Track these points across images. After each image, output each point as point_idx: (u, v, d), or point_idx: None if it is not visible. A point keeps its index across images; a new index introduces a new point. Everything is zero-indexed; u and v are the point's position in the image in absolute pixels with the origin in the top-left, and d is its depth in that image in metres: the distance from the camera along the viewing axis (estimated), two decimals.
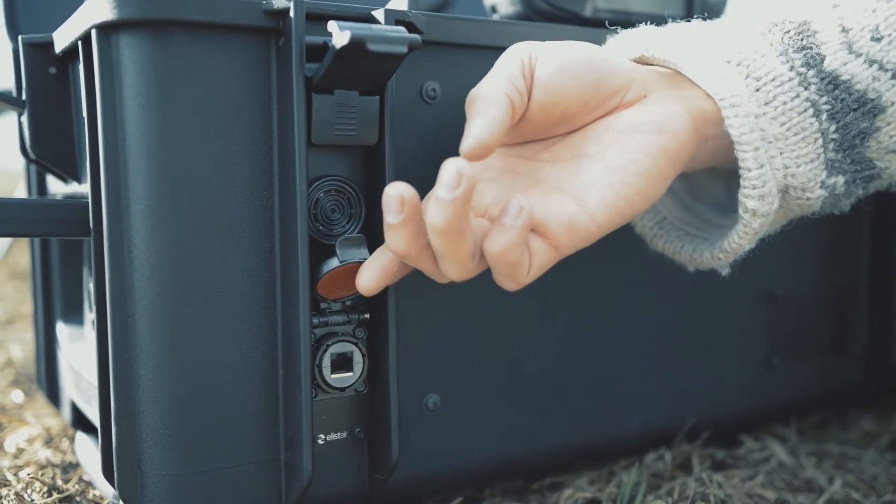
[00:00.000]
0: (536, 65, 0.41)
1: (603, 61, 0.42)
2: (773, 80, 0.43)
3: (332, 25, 0.38)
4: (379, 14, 0.43)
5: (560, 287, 0.53)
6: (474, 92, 0.41)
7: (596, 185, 0.40)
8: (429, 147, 0.46)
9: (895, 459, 0.61)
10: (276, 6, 0.41)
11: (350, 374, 0.45)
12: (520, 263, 0.38)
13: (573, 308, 0.54)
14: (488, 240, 0.37)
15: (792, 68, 0.43)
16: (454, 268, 0.39)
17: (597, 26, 0.51)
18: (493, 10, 0.58)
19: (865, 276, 0.68)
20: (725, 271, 0.48)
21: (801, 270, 0.64)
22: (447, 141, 0.47)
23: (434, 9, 0.76)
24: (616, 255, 0.55)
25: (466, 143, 0.38)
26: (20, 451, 0.62)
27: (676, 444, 0.59)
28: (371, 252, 0.42)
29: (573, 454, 0.56)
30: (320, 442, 0.45)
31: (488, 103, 0.39)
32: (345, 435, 0.46)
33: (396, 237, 0.38)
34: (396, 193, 0.36)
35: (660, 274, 0.57)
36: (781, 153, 0.43)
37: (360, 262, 0.42)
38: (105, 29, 0.40)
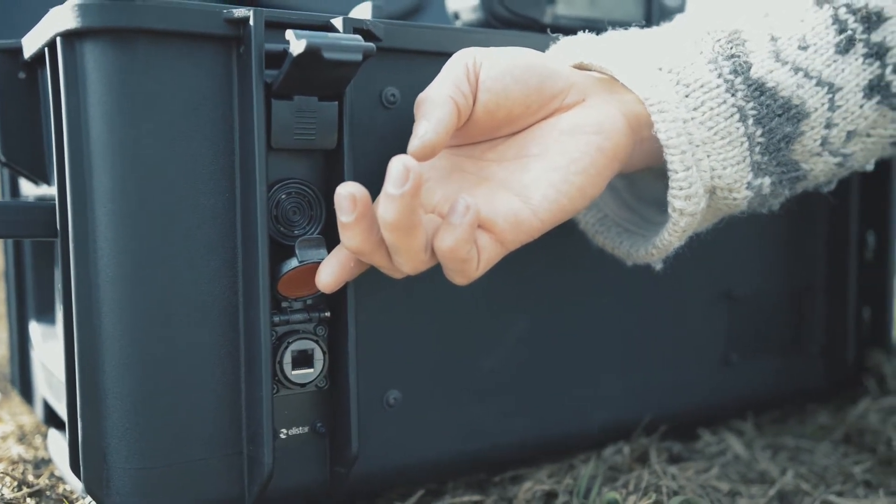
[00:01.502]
0: (481, 69, 0.43)
1: (544, 66, 0.44)
2: (701, 86, 0.45)
3: (289, 34, 0.40)
4: (338, 22, 0.44)
5: (520, 284, 0.55)
6: (421, 96, 0.43)
7: (539, 184, 0.42)
8: (388, 151, 0.47)
9: (847, 452, 0.63)
10: (236, 15, 0.42)
11: (311, 370, 0.46)
12: (469, 259, 0.40)
13: (533, 305, 0.55)
14: (437, 238, 0.39)
15: (720, 75, 0.45)
16: (408, 261, 0.40)
17: (557, 33, 0.52)
18: (456, 16, 0.59)
19: (822, 276, 0.70)
20: (658, 266, 0.51)
21: (758, 270, 0.66)
22: (406, 145, 0.48)
23: (404, 15, 0.78)
24: (576, 254, 0.57)
25: (413, 144, 0.41)
26: None
27: (635, 437, 0.61)
28: (329, 251, 0.44)
29: (534, 449, 0.58)
30: (282, 436, 0.46)
31: (433, 106, 0.41)
32: (306, 429, 0.47)
33: (351, 235, 0.39)
34: (347, 193, 0.38)
35: (619, 273, 0.58)
36: (709, 156, 0.45)
37: (319, 262, 0.43)
38: (69, 36, 0.41)
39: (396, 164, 0.37)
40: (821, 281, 0.70)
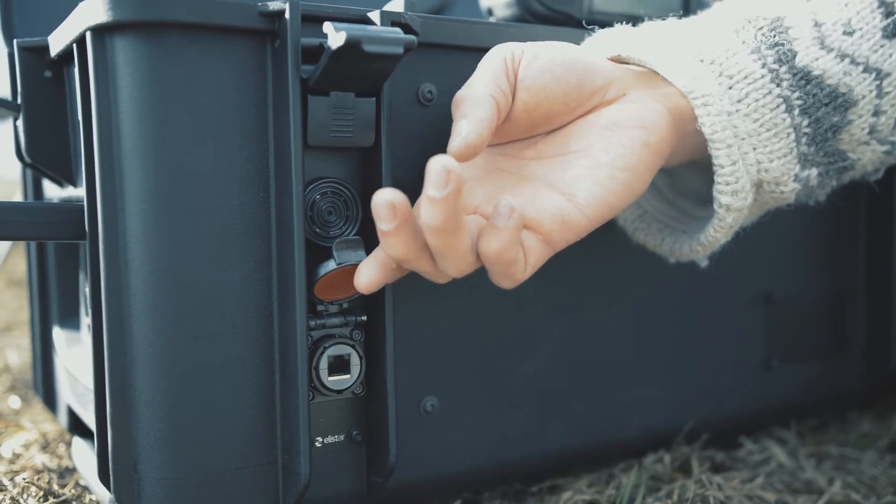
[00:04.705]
0: (520, 66, 0.42)
1: (583, 62, 0.43)
2: (745, 77, 0.44)
3: (327, 27, 0.38)
4: (375, 16, 0.43)
5: (558, 290, 0.53)
6: (460, 94, 0.41)
7: (584, 181, 0.41)
8: (425, 149, 0.46)
9: (895, 461, 0.61)
10: (271, 8, 0.41)
11: (347, 376, 0.44)
12: (515, 262, 0.39)
13: (571, 311, 0.54)
14: (483, 242, 0.37)
15: (764, 65, 0.44)
16: (453, 264, 0.39)
17: (592, 29, 0.51)
18: (490, 12, 0.58)
19: (863, 278, 0.68)
20: (704, 263, 0.50)
21: (798, 273, 0.64)
22: (443, 143, 0.46)
23: (432, 11, 0.76)
24: (614, 259, 0.55)
25: (454, 144, 0.39)
26: (16, 456, 0.62)
27: (675, 446, 0.59)
28: (368, 253, 0.42)
29: (572, 457, 0.56)
30: (318, 445, 0.45)
31: (474, 105, 0.40)
32: (342, 438, 0.46)
33: (393, 243, 0.38)
34: (386, 201, 0.36)
35: (658, 277, 0.57)
36: (755, 149, 0.43)
37: (358, 265, 0.42)
38: (100, 31, 0.40)
39: (436, 167, 0.35)
40: (862, 283, 0.68)
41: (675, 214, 0.51)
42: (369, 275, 0.41)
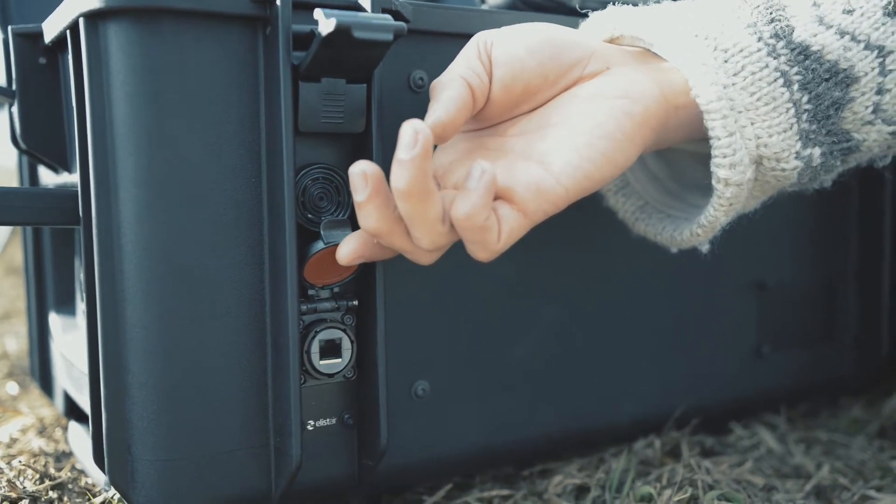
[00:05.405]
0: (493, 47, 0.42)
1: (560, 37, 0.43)
2: (740, 51, 0.43)
3: (318, 13, 0.39)
4: (366, 2, 0.43)
5: (550, 275, 0.53)
6: (434, 81, 0.42)
7: (560, 150, 0.41)
8: None
9: (883, 446, 0.62)
10: None
11: (339, 360, 0.45)
12: (487, 227, 0.38)
13: (563, 296, 0.54)
14: (454, 206, 0.38)
15: (760, 39, 0.43)
16: (425, 233, 0.39)
17: (584, 16, 0.51)
18: (482, 0, 0.58)
19: (854, 265, 0.68)
20: (705, 248, 0.49)
21: (790, 260, 0.65)
22: None
23: None
24: (606, 245, 0.55)
25: (425, 123, 0.40)
26: (13, 440, 0.63)
27: (666, 431, 0.60)
28: None
29: (563, 442, 0.56)
30: (309, 428, 0.45)
31: (443, 87, 0.41)
32: (334, 421, 0.46)
33: (366, 214, 0.38)
34: (359, 171, 0.37)
35: (650, 263, 0.57)
36: (752, 123, 0.43)
37: None
38: (93, 17, 0.40)
39: (406, 129, 0.36)
40: (854, 270, 0.68)
41: (677, 205, 0.51)
42: (348, 245, 0.41)
